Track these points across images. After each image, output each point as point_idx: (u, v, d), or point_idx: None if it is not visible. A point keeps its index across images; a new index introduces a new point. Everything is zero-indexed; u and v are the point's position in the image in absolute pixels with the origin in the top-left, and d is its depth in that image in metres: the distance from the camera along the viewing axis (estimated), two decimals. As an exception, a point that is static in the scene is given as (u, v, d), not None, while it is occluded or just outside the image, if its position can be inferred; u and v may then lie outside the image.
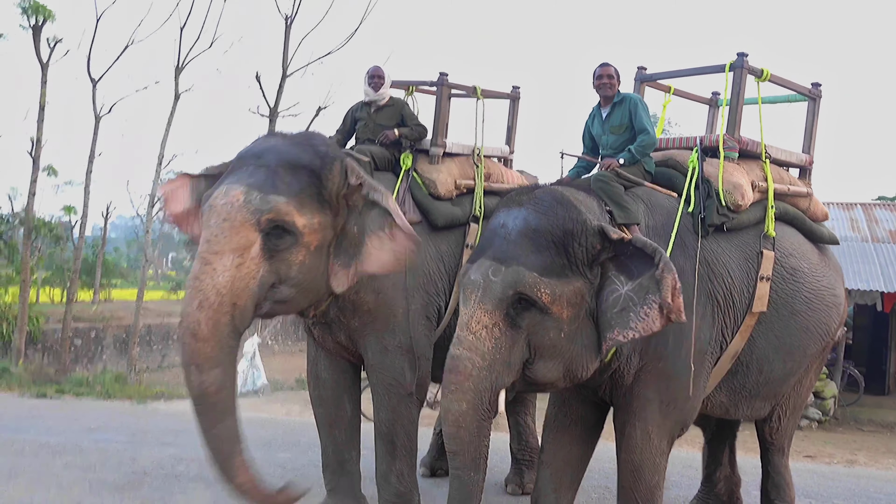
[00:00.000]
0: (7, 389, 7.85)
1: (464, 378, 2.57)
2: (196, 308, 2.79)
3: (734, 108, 3.40)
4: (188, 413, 7.47)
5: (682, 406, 2.96)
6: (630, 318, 2.60)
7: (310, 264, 3.04)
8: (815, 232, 3.55)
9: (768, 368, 3.25)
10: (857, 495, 4.76)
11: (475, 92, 4.25)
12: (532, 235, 2.66)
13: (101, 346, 13.45)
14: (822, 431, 7.77)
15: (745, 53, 3.38)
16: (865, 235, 9.86)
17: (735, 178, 3.21)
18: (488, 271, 2.63)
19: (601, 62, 3.42)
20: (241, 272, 2.86)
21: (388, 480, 3.40)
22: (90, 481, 4.28)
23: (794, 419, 3.75)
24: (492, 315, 2.58)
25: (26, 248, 10.28)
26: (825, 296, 3.37)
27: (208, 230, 2.90)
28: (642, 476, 2.93)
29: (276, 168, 3.01)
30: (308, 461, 4.83)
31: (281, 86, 9.69)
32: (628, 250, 2.66)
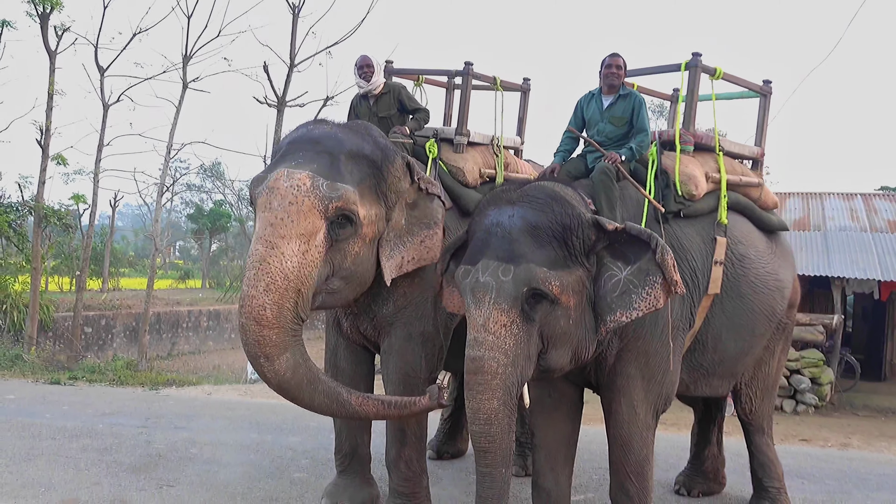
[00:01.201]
0: (21, 376, 7.99)
1: (491, 377, 2.65)
2: (262, 291, 2.75)
3: (689, 104, 3.62)
4: (199, 399, 7.67)
5: (663, 380, 3.15)
6: (633, 300, 2.80)
7: (362, 256, 3.08)
8: (764, 220, 3.78)
9: (722, 347, 3.46)
10: (848, 476, 4.89)
11: (495, 83, 4.32)
12: (533, 232, 2.77)
13: (112, 334, 13.62)
14: (819, 416, 7.88)
15: (700, 53, 3.60)
16: (864, 225, 9.93)
17: (689, 170, 3.43)
18: (498, 271, 2.71)
19: (611, 52, 3.54)
20: (306, 259, 2.84)
21: (397, 465, 3.47)
22: (107, 463, 4.42)
23: (767, 401, 3.95)
24: (509, 313, 2.67)
25: (37, 236, 10.39)
26: (769, 280, 3.61)
27: (271, 213, 2.85)
28: (631, 450, 3.07)
29: (338, 155, 3.01)
30: (318, 444, 4.99)
31: (289, 76, 9.70)
32: (623, 238, 2.85)
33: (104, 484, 4.02)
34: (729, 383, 3.72)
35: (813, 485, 4.61)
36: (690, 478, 4.24)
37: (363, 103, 3.93)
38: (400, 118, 3.90)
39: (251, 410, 6.32)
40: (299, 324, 2.92)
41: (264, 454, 4.76)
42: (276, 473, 4.33)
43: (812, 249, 9.52)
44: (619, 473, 3.12)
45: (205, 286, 25.10)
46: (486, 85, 4.37)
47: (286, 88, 9.75)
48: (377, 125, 3.82)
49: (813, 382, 8.04)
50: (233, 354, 14.31)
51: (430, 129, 3.98)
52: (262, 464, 4.53)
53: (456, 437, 4.89)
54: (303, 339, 3.00)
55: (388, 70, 4.35)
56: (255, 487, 4.03)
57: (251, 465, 4.47)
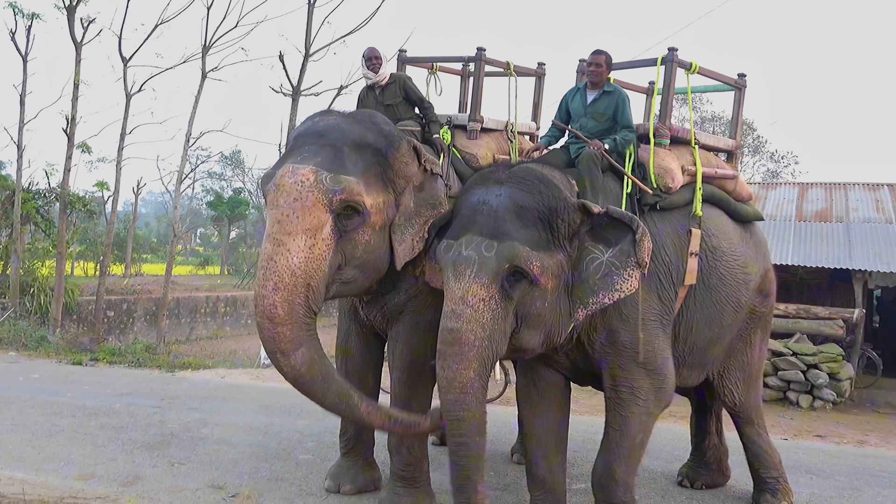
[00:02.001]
0: (46, 356, 8.27)
1: (468, 348, 2.67)
2: (272, 290, 2.80)
3: (665, 98, 3.64)
4: (213, 382, 7.83)
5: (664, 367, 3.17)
6: (615, 281, 2.86)
7: (374, 244, 3.10)
8: (739, 211, 3.78)
9: (692, 337, 3.46)
10: (860, 472, 4.79)
11: (508, 68, 4.31)
12: (519, 212, 2.80)
13: (133, 318, 13.95)
14: (836, 413, 7.70)
15: (675, 48, 3.61)
16: (890, 217, 9.63)
17: (665, 163, 3.43)
18: (481, 247, 2.74)
19: (595, 49, 3.56)
20: (314, 253, 2.87)
21: (399, 450, 3.52)
22: (122, 440, 4.56)
23: (752, 391, 3.91)
24: (488, 288, 2.70)
25: (62, 222, 10.67)
26: (737, 273, 3.61)
27: (278, 210, 2.90)
28: (628, 432, 3.08)
29: (342, 147, 3.03)
30: (325, 428, 5.04)
31: (304, 65, 9.77)
32: (604, 221, 2.90)
33: (119, 460, 4.15)
34: (699, 374, 3.71)
35: (823, 480, 4.54)
36: (693, 469, 4.21)
37: (370, 94, 3.97)
38: (405, 106, 3.92)
39: (262, 394, 6.44)
40: (312, 318, 2.96)
41: (272, 436, 4.86)
42: (283, 455, 4.42)
43: (833, 241, 9.28)
44: (609, 454, 3.11)
45: (223, 273, 25.55)
46: (500, 71, 4.35)
47: (301, 78, 9.84)
48: (384, 113, 3.81)
49: (831, 378, 7.85)
50: (249, 340, 14.56)
51: (444, 116, 3.98)
52: (270, 445, 4.62)
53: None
54: (317, 335, 3.04)
55: (402, 59, 4.37)
56: (262, 467, 4.12)
57: (259, 447, 4.57)
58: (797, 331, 8.28)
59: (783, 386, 7.96)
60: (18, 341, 8.86)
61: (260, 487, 3.71)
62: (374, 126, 3.20)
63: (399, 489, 3.48)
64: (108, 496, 3.54)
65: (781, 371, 7.97)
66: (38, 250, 11.96)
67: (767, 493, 3.80)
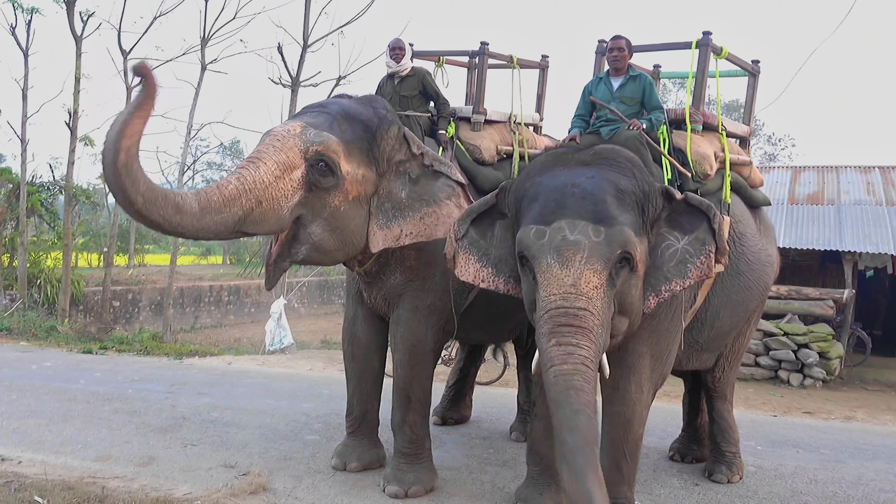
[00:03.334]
0: (55, 346, 8.43)
1: (588, 329, 2.47)
2: (216, 187, 2.84)
3: (700, 83, 3.60)
4: (220, 368, 8.01)
5: (668, 360, 3.18)
6: (688, 269, 2.78)
7: (345, 212, 3.20)
8: (753, 197, 3.85)
9: (719, 323, 3.52)
10: (844, 446, 4.98)
11: (511, 61, 4.40)
12: (619, 196, 2.67)
13: (138, 308, 14.14)
14: (826, 390, 7.90)
15: (710, 32, 3.56)
16: (880, 199, 9.79)
17: (702, 149, 3.44)
18: (588, 230, 2.57)
19: (614, 35, 3.53)
20: (278, 184, 2.98)
21: (402, 429, 3.65)
22: (136, 424, 4.71)
23: (735, 369, 4.08)
24: (600, 275, 2.55)
25: (67, 214, 10.82)
26: (762, 257, 3.68)
27: (262, 144, 3.07)
28: (632, 428, 3.03)
29: (336, 115, 3.23)
30: (330, 410, 5.25)
31: (302, 56, 9.84)
32: (681, 207, 2.83)
33: (134, 442, 4.31)
34: (715, 356, 3.81)
35: (808, 453, 4.73)
36: (685, 445, 4.37)
37: (389, 83, 4.07)
38: (420, 100, 4.02)
39: (268, 379, 6.62)
40: (232, 230, 2.91)
41: (280, 418, 5.03)
42: (291, 435, 4.59)
43: (824, 223, 9.45)
44: (615, 451, 3.03)
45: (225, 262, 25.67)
46: (504, 63, 4.45)
47: (300, 68, 9.90)
48: (398, 103, 3.97)
49: (821, 357, 8.06)
50: (252, 328, 14.76)
51: (450, 108, 4.09)
52: (278, 427, 4.79)
53: (459, 404, 5.11)
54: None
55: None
56: (271, 448, 4.29)
57: (268, 428, 4.74)
58: (788, 311, 8.48)
59: (774, 365, 8.18)
60: (28, 331, 9.03)
61: (270, 466, 3.87)
62: (370, 107, 3.37)
63: (403, 465, 3.62)
64: (126, 475, 3.69)
65: (773, 351, 8.19)
66: (43, 242, 12.11)
67: (724, 465, 3.95)
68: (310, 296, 17.61)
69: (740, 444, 4.13)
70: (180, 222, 2.74)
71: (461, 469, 4.03)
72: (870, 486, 4.04)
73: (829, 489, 3.95)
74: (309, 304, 17.56)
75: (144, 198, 2.61)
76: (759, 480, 4.05)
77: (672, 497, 3.73)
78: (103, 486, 3.48)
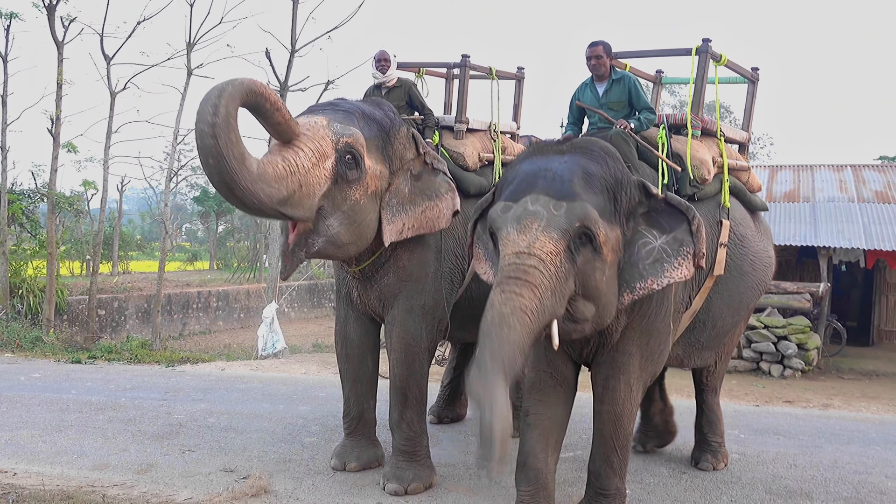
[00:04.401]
0: (42, 356, 8.32)
1: (534, 286, 2.46)
2: (269, 163, 2.93)
3: (699, 89, 3.67)
4: (214, 374, 7.99)
5: (658, 360, 3.25)
6: (664, 268, 2.79)
7: (363, 206, 3.32)
8: (752, 202, 3.98)
9: (720, 324, 3.63)
10: (822, 432, 5.20)
11: (490, 73, 4.56)
12: (587, 178, 2.71)
13: (124, 316, 14.02)
14: (805, 380, 8.17)
15: (710, 39, 3.65)
16: (852, 196, 10.14)
17: (701, 154, 3.52)
18: (549, 204, 2.62)
19: (590, 42, 3.57)
20: (315, 171, 3.08)
21: (399, 426, 3.74)
22: (132, 432, 4.71)
23: (726, 364, 4.23)
24: (556, 244, 2.57)
25: (51, 222, 10.72)
26: (763, 258, 3.83)
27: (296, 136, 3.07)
28: (622, 425, 3.08)
29: (353, 112, 3.35)
30: (326, 412, 5.31)
31: (290, 61, 9.87)
32: (660, 206, 2.85)
33: (131, 450, 4.32)
34: (715, 354, 3.91)
35: (788, 440, 4.92)
36: (644, 434, 4.42)
37: (376, 93, 4.18)
38: (407, 110, 4.14)
39: (263, 383, 6.65)
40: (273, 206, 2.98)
41: (277, 422, 5.08)
42: (289, 438, 4.64)
43: (800, 220, 9.76)
44: (606, 447, 3.10)
45: (212, 268, 25.50)
46: (482, 75, 4.60)
47: (288, 73, 9.93)
48: None
49: (800, 348, 8.34)
50: (242, 333, 14.72)
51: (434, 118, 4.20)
52: (276, 430, 4.84)
53: (455, 402, 5.21)
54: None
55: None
56: (269, 451, 4.34)
57: (265, 432, 4.78)
58: (768, 305, 8.74)
59: (756, 357, 8.44)
60: (13, 343, 8.91)
61: (270, 469, 3.92)
62: (380, 108, 3.54)
63: (401, 463, 3.71)
64: (125, 483, 3.72)
65: (754, 343, 8.44)
66: (24, 252, 11.97)
67: (709, 454, 4.11)
68: (300, 300, 17.58)
69: (726, 433, 4.30)
70: (237, 171, 2.78)
71: (458, 466, 4.13)
72: (845, 469, 4.24)
73: (807, 473, 4.14)
74: (299, 309, 17.54)
75: (220, 127, 2.69)
76: (742, 467, 4.22)
77: (661, 485, 3.88)
78: (103, 495, 3.51)
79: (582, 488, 3.33)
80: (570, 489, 3.66)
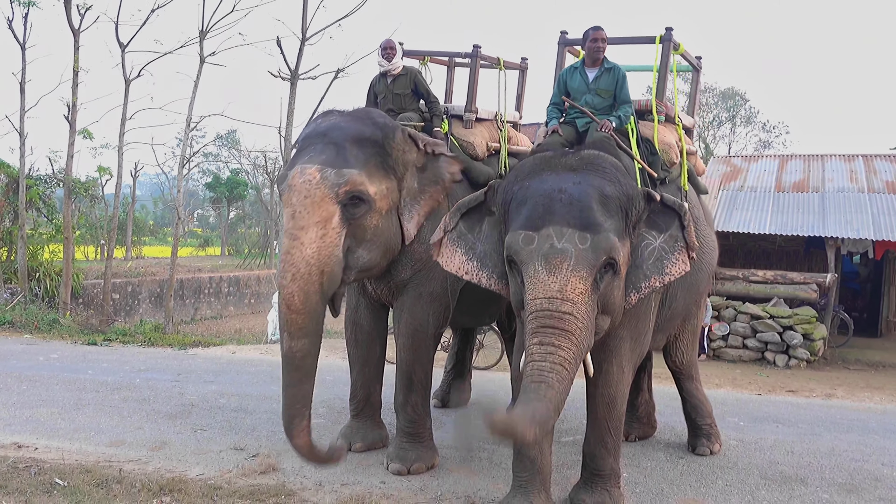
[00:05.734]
0: (59, 338, 8.55)
1: (571, 333, 2.58)
2: (290, 281, 3.13)
3: (663, 76, 3.77)
4: (225, 357, 8.18)
5: (644, 341, 3.38)
6: (665, 266, 2.91)
7: (382, 226, 3.44)
8: (699, 185, 4.08)
9: (675, 305, 3.71)
10: (822, 421, 5.25)
11: (498, 63, 4.62)
12: (604, 202, 2.79)
13: (138, 300, 14.28)
14: (810, 370, 8.18)
15: (672, 28, 3.73)
16: (862, 186, 10.05)
17: (668, 139, 3.66)
18: (575, 238, 2.68)
19: (594, 25, 3.63)
20: (325, 242, 3.19)
21: (404, 409, 3.85)
22: (146, 411, 4.89)
23: (694, 350, 4.33)
24: (586, 281, 2.67)
25: (67, 207, 10.92)
26: (710, 241, 3.92)
27: (291, 208, 3.21)
28: (615, 407, 3.19)
29: (343, 143, 3.34)
30: (333, 395, 5.44)
31: (301, 49, 9.93)
32: (658, 208, 2.96)
33: (146, 428, 4.49)
34: (665, 338, 4.00)
35: (787, 428, 4.99)
36: (628, 424, 4.31)
37: (382, 81, 4.23)
38: (411, 98, 4.19)
39: (272, 367, 6.76)
40: (323, 306, 3.28)
41: (286, 403, 5.24)
42: (297, 419, 4.80)
43: (808, 210, 9.70)
44: (600, 428, 3.21)
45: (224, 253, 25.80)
46: (488, 64, 4.65)
47: (298, 62, 10.00)
48: (392, 100, 4.15)
49: (805, 338, 8.35)
50: (253, 318, 14.95)
51: (441, 106, 4.28)
52: (284, 411, 5.00)
53: (458, 387, 5.32)
54: (322, 327, 3.36)
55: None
56: (278, 431, 4.40)
57: (274, 413, 4.85)
58: (774, 295, 8.75)
59: (761, 347, 8.46)
60: (31, 324, 9.14)
61: (278, 448, 4.05)
62: (370, 121, 3.51)
63: (405, 444, 3.82)
64: (140, 459, 3.88)
65: (759, 333, 8.46)
66: (40, 236, 12.19)
67: (703, 437, 4.20)
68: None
69: (726, 420, 4.38)
70: (295, 320, 3.21)
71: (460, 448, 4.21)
72: (842, 457, 4.30)
73: (804, 460, 4.20)
74: (307, 295, 17.66)
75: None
76: (740, 453, 4.29)
77: (658, 469, 3.97)
78: (120, 469, 3.67)
79: (580, 471, 3.42)
80: (568, 472, 3.75)
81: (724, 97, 25.76)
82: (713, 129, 26.25)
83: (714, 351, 8.62)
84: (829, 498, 3.58)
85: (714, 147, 25.32)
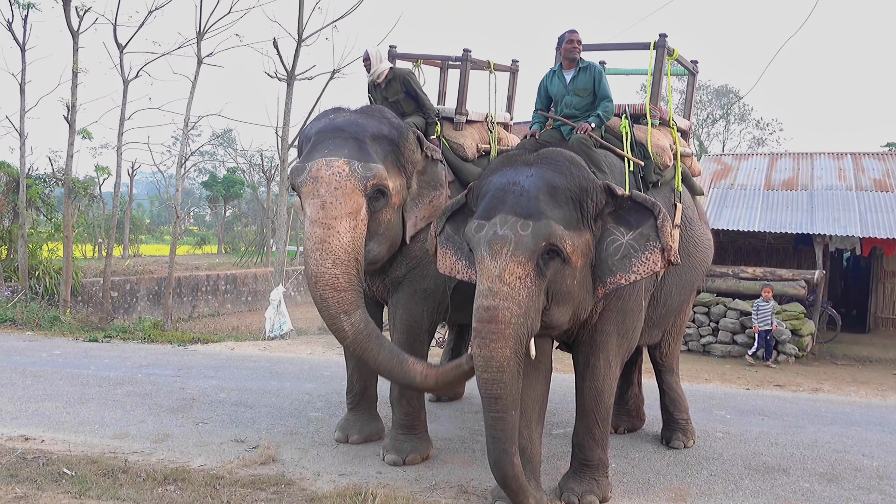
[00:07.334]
0: (60, 335, 8.61)
1: (504, 326, 2.70)
2: (331, 266, 3.25)
3: (657, 81, 3.89)
4: (224, 353, 8.29)
5: (633, 336, 3.47)
6: (632, 263, 2.95)
7: (393, 221, 3.60)
8: (694, 186, 4.18)
9: (669, 302, 3.83)
10: (806, 414, 5.39)
11: (489, 66, 4.74)
12: (552, 192, 2.87)
13: (136, 298, 14.35)
14: (798, 365, 8.31)
15: (666, 34, 3.85)
16: (850, 184, 10.22)
17: (661, 142, 3.75)
18: (517, 226, 2.78)
19: (569, 28, 3.73)
20: (357, 233, 3.33)
21: (399, 403, 3.94)
22: (149, 405, 4.98)
23: (679, 344, 4.44)
24: (525, 266, 2.75)
25: (67, 206, 11.00)
26: (704, 240, 4.03)
27: (319, 199, 3.30)
28: (603, 399, 3.27)
29: (363, 139, 3.48)
30: (331, 389, 5.57)
31: (297, 50, 10.00)
32: (627, 204, 3.02)
33: (148, 422, 4.58)
34: (661, 333, 4.10)
35: (772, 420, 5.12)
36: (616, 417, 4.47)
37: (375, 90, 4.33)
38: (407, 101, 4.26)
39: (271, 362, 6.93)
40: (362, 287, 3.42)
41: (284, 398, 5.33)
42: (295, 413, 4.89)
43: (797, 208, 9.86)
44: (588, 420, 3.29)
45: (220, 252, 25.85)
46: (478, 67, 4.76)
47: (295, 62, 10.06)
48: (390, 107, 4.18)
49: (794, 334, 8.49)
50: (250, 316, 15.03)
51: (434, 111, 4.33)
52: (283, 406, 5.09)
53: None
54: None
55: (392, 54, 4.74)
56: (277, 424, 4.60)
57: (273, 407, 5.04)
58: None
59: (750, 342, 8.60)
60: (32, 322, 9.23)
61: (278, 440, 4.17)
62: (385, 119, 3.69)
63: (400, 436, 3.93)
64: (144, 450, 3.98)
65: (749, 329, 8.60)
66: (39, 234, 12.26)
67: (679, 431, 4.31)
68: (306, 284, 17.80)
69: (713, 414, 4.50)
70: (345, 298, 3.34)
71: (454, 440, 4.37)
72: (824, 448, 4.43)
73: (787, 451, 4.34)
74: (305, 293, 17.79)
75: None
76: (725, 444, 4.42)
77: (645, 459, 4.10)
78: (125, 460, 3.78)
79: (569, 462, 3.55)
80: (558, 463, 3.87)
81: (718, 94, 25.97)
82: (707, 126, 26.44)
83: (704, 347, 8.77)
84: (809, 487, 3.70)
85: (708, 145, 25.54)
